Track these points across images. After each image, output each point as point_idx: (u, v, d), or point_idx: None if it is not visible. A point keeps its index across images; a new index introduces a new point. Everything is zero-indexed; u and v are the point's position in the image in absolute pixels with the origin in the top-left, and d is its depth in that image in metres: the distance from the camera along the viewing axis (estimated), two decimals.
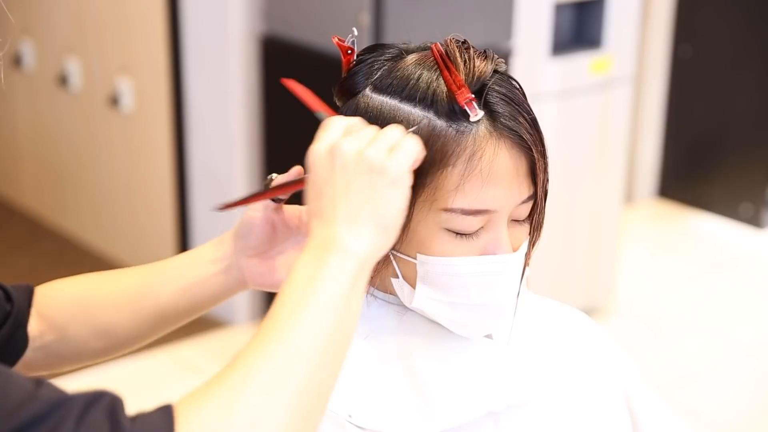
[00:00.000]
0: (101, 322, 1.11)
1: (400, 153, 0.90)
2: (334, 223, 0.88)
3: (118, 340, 1.13)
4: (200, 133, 3.29)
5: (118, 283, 1.13)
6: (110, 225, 3.77)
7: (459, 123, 0.97)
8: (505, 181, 0.98)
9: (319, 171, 0.90)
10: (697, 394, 3.09)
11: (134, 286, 1.12)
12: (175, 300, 1.10)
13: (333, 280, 0.85)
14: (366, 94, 1.01)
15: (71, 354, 1.13)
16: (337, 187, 0.88)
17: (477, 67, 0.98)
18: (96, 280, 1.15)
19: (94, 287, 1.14)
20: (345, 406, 0.99)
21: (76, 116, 3.81)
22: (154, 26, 3.31)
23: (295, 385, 0.81)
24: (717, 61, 4.25)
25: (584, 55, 3.14)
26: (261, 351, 0.81)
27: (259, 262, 1.09)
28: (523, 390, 1.04)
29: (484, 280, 0.99)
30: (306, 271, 0.86)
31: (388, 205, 0.88)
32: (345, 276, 0.86)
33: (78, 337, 1.12)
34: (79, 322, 1.11)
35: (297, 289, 0.85)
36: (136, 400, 0.88)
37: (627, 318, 3.53)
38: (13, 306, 1.08)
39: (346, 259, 0.86)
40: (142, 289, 1.11)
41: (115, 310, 1.11)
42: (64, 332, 1.11)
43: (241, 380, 0.80)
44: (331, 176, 0.89)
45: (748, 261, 4.02)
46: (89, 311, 1.12)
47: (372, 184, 0.88)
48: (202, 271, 1.10)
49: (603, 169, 3.29)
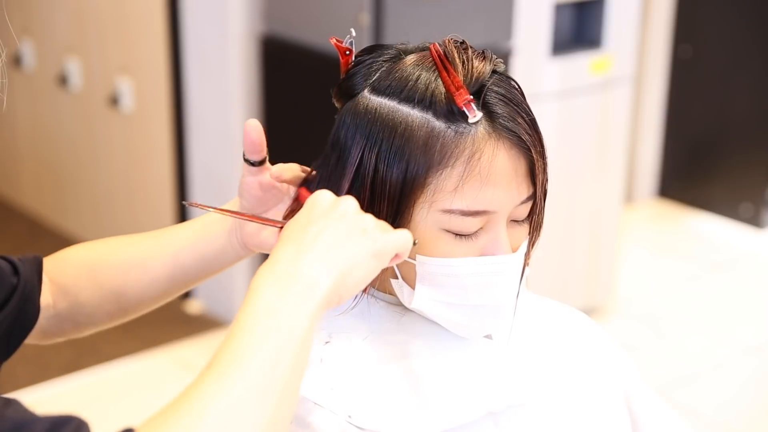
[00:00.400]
0: (111, 285, 1.14)
1: (395, 234, 0.91)
2: (306, 253, 0.87)
3: (129, 303, 1.15)
4: (200, 133, 3.29)
5: (129, 246, 1.16)
6: (110, 225, 3.77)
7: (458, 124, 0.97)
8: (504, 182, 0.98)
9: (316, 208, 0.90)
10: (697, 394, 3.09)
11: (144, 249, 1.15)
12: (184, 261, 1.13)
13: (294, 315, 0.84)
14: (365, 95, 1.01)
15: (85, 319, 1.16)
16: (328, 228, 0.89)
17: (475, 68, 0.98)
18: (107, 244, 1.18)
19: (105, 251, 1.17)
20: (345, 407, 0.99)
21: (76, 116, 3.81)
22: (154, 26, 3.31)
23: (253, 415, 0.80)
24: (717, 61, 4.25)
25: (584, 55, 3.14)
26: (219, 378, 0.80)
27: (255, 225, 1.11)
28: (523, 390, 1.04)
29: (483, 281, 0.99)
30: (269, 299, 0.85)
31: (360, 268, 0.89)
32: (305, 313, 0.85)
33: (90, 300, 1.14)
34: (91, 285, 1.14)
35: (258, 317, 0.83)
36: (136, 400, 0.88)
37: (627, 318, 3.53)
38: (20, 279, 1.09)
39: (308, 293, 0.85)
40: (151, 252, 1.14)
41: (124, 272, 1.14)
42: (76, 297, 1.13)
43: (198, 407, 0.78)
44: (326, 217, 0.89)
45: (748, 261, 4.02)
46: (100, 275, 1.14)
47: (358, 243, 0.89)
48: (209, 231, 1.13)
49: (603, 169, 3.29)
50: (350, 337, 1.04)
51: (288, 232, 0.90)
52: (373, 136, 0.98)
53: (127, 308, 1.16)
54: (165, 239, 1.15)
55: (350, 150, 1.00)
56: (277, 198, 1.12)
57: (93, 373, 3.03)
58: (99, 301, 1.14)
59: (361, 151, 0.99)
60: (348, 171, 1.00)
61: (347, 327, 1.04)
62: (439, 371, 1.02)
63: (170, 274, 1.14)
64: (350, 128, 1.00)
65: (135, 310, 1.17)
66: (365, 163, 0.99)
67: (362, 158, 0.99)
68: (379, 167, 0.98)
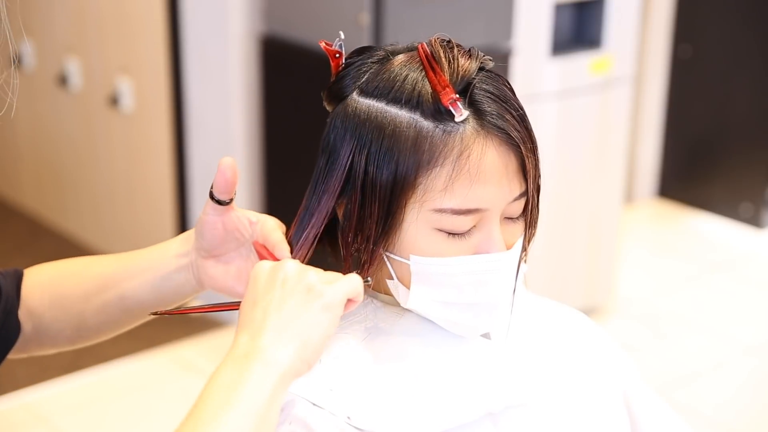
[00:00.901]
0: (73, 312, 1.13)
1: (339, 283, 0.93)
2: (260, 334, 0.90)
3: (89, 330, 1.14)
4: (200, 133, 3.29)
5: (89, 271, 1.14)
6: (110, 225, 3.77)
7: (446, 123, 0.97)
8: (495, 179, 0.98)
9: (258, 284, 0.93)
10: (697, 394, 3.09)
11: (102, 277, 1.12)
12: (138, 292, 1.11)
13: (255, 387, 0.87)
14: (353, 97, 1.01)
15: (48, 341, 1.15)
16: (273, 301, 0.91)
17: (461, 66, 0.98)
18: (70, 269, 1.16)
19: (67, 275, 1.15)
20: (343, 408, 0.99)
21: (76, 116, 3.81)
22: (154, 26, 3.31)
23: None
24: (717, 61, 4.25)
25: (584, 55, 3.14)
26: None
27: (213, 264, 1.09)
28: (522, 390, 1.04)
29: (478, 279, 0.99)
30: (229, 377, 0.88)
31: (316, 327, 0.91)
32: (266, 385, 0.88)
33: (53, 325, 1.13)
34: (53, 311, 1.12)
35: (220, 392, 0.87)
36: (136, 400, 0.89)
37: (626, 318, 3.53)
38: (1, 293, 1.09)
39: (268, 370, 0.88)
40: (108, 281, 1.12)
41: (84, 300, 1.12)
42: (40, 320, 1.12)
43: None
44: (269, 290, 0.92)
45: (748, 261, 4.02)
46: (62, 300, 1.13)
47: (306, 303, 0.91)
48: (166, 264, 1.11)
49: (603, 169, 3.29)
50: (348, 338, 1.04)
51: (242, 317, 0.93)
52: (363, 138, 0.98)
53: (86, 336, 1.15)
54: (126, 267, 1.12)
55: (340, 153, 1.00)
56: (238, 241, 1.09)
57: (93, 373, 3.03)
58: (60, 326, 1.13)
59: (351, 153, 0.99)
60: (338, 174, 1.00)
61: (345, 328, 1.04)
62: (438, 372, 1.02)
63: (125, 306, 1.12)
64: (340, 131, 1.00)
65: (95, 337, 1.16)
66: (355, 166, 0.99)
67: (352, 161, 0.99)
68: (369, 169, 0.98)
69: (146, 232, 3.59)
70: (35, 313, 1.12)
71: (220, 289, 1.10)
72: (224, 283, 1.09)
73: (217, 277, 1.09)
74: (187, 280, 1.11)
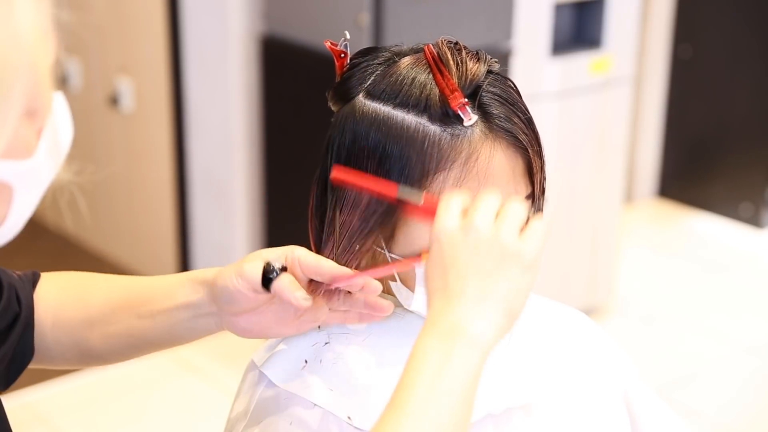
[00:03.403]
0: (77, 336, 1.08)
1: (532, 236, 0.87)
2: (460, 303, 0.85)
3: (91, 357, 1.10)
4: (200, 133, 3.29)
5: (93, 297, 1.08)
6: (110, 224, 3.77)
7: (453, 127, 0.97)
8: (502, 182, 0.98)
9: (448, 248, 0.86)
10: (697, 395, 3.09)
11: (108, 305, 1.06)
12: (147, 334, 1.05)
13: (461, 376, 0.83)
14: (360, 100, 1.00)
15: (48, 361, 1.10)
16: (469, 266, 0.85)
17: (470, 69, 0.98)
18: (72, 293, 1.10)
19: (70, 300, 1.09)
20: (344, 408, 0.99)
21: (76, 116, 3.79)
22: (154, 26, 3.31)
23: None
24: (717, 61, 4.25)
25: (584, 55, 3.14)
26: None
27: (246, 318, 1.01)
28: (523, 392, 1.04)
29: None
30: (433, 362, 0.83)
31: (519, 292, 0.86)
32: (473, 367, 0.84)
33: (54, 347, 1.09)
34: (56, 331, 1.08)
35: (425, 381, 0.83)
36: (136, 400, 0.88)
37: (626, 318, 3.53)
38: (21, 302, 1.07)
39: (473, 351, 0.84)
40: (113, 314, 1.06)
41: (88, 327, 1.07)
42: (43, 338, 1.09)
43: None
44: (462, 254, 0.86)
45: (748, 261, 4.02)
46: (64, 324, 1.08)
47: (505, 267, 0.86)
48: (177, 314, 1.03)
49: (603, 169, 3.29)
50: (349, 339, 1.03)
51: (432, 283, 0.87)
52: (369, 142, 0.98)
53: (89, 362, 1.11)
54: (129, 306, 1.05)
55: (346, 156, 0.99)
56: (269, 299, 0.99)
57: (93, 373, 3.03)
58: (62, 349, 1.09)
59: (357, 156, 0.99)
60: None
61: (346, 328, 1.04)
62: None
63: (134, 344, 1.07)
64: (346, 134, 1.00)
65: (97, 363, 1.11)
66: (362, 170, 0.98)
67: (358, 164, 0.98)
68: (376, 173, 0.98)
69: (146, 232, 3.59)
70: (39, 330, 1.08)
71: (256, 337, 1.03)
72: (262, 332, 1.02)
73: (252, 329, 1.01)
74: (206, 329, 1.04)
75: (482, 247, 0.86)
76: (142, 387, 3.00)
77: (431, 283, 0.88)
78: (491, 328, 0.85)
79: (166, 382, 3.02)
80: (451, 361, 0.83)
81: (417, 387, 0.83)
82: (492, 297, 0.85)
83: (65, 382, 2.99)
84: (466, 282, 0.85)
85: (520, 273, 0.86)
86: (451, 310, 0.85)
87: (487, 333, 0.85)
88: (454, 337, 0.84)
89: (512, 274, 0.86)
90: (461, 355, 0.83)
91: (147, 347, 1.08)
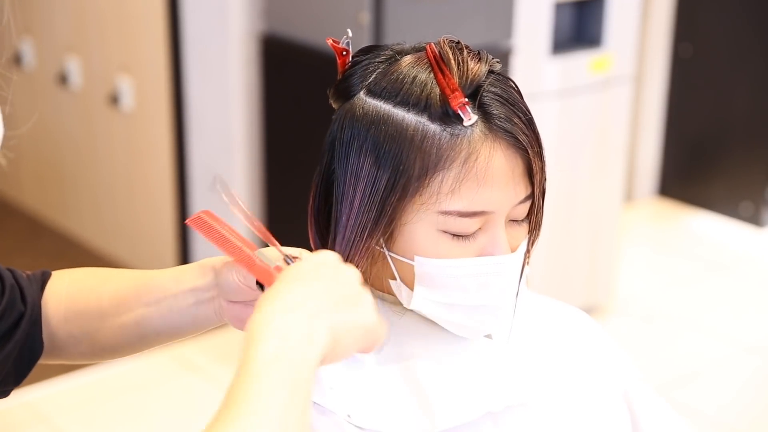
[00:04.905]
0: (88, 328, 1.09)
1: (382, 325, 0.90)
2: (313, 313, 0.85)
3: (103, 349, 1.11)
4: (200, 133, 3.29)
5: (105, 288, 1.09)
6: (110, 224, 3.77)
7: (453, 126, 0.97)
8: (502, 183, 0.98)
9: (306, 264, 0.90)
10: (697, 394, 3.09)
11: (118, 296, 1.08)
12: (154, 323, 1.07)
13: (299, 366, 0.82)
14: (360, 97, 1.00)
15: (59, 354, 1.12)
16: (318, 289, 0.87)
17: (471, 69, 0.98)
18: (86, 283, 1.11)
19: (84, 290, 1.11)
20: (344, 406, 0.99)
21: (76, 115, 3.81)
22: (155, 25, 3.31)
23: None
24: (717, 60, 4.25)
25: (584, 54, 3.14)
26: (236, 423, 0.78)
27: (242, 308, 1.03)
28: (523, 390, 1.04)
29: (482, 281, 0.99)
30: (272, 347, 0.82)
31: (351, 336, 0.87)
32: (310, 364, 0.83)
33: (67, 340, 1.10)
34: (69, 324, 1.09)
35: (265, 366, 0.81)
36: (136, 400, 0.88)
37: (627, 317, 3.53)
38: (26, 300, 1.07)
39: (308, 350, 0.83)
40: (124, 302, 1.07)
41: (100, 318, 1.08)
42: (54, 334, 1.10)
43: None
44: (321, 277, 0.88)
45: (748, 260, 4.02)
46: (77, 316, 1.09)
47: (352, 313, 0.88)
48: (182, 298, 1.05)
49: (603, 169, 3.29)
50: None
51: None
52: (369, 139, 0.98)
53: (100, 353, 1.12)
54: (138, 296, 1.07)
55: (346, 153, 1.00)
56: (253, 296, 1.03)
57: (93, 372, 3.03)
58: (75, 341, 1.10)
59: (357, 154, 0.99)
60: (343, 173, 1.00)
61: None
62: (439, 371, 1.02)
63: (141, 332, 1.08)
64: (346, 131, 1.00)
65: (110, 355, 1.12)
66: (361, 167, 0.99)
67: (358, 162, 0.99)
68: (375, 170, 0.98)
69: (146, 231, 3.59)
70: (50, 324, 1.10)
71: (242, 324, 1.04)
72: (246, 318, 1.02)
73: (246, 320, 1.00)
74: (207, 317, 1.06)
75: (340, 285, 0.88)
76: (143, 386, 3.00)
77: None
78: (323, 338, 0.84)
79: (167, 381, 3.02)
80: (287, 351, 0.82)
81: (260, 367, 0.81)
82: (329, 320, 0.85)
83: (65, 381, 2.99)
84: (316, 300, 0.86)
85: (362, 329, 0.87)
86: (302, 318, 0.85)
87: (319, 340, 0.84)
88: (292, 333, 0.83)
89: (356, 322, 0.87)
90: (297, 348, 0.82)
91: (153, 337, 1.09)
